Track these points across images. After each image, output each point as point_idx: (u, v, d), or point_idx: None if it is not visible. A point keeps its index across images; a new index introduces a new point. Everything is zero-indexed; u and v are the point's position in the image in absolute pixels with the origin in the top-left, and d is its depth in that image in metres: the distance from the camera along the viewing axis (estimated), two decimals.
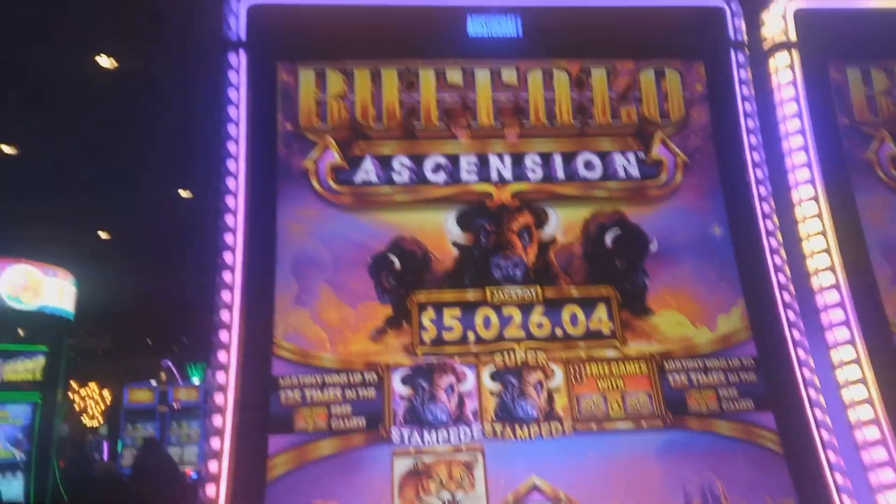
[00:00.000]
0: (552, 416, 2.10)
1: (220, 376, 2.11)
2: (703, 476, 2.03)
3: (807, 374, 2.15)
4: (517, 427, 2.08)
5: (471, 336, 2.20)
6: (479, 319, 2.22)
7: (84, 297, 9.98)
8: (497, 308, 2.23)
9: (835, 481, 2.00)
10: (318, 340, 2.16)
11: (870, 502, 2.01)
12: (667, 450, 2.07)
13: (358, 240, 2.29)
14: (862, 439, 2.09)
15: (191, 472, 10.35)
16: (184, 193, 11.32)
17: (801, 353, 2.18)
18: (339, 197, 2.34)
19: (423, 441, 2.06)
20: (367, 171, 2.38)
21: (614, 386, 2.15)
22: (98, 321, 13.33)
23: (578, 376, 2.16)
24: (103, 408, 14.72)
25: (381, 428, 2.07)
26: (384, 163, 2.38)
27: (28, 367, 9.28)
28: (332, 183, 2.35)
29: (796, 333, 2.20)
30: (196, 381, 13.25)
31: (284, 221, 2.29)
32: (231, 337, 2.13)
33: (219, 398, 2.08)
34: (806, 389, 2.12)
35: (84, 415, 15.07)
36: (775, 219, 2.39)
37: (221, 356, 2.13)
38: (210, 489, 1.96)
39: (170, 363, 13.39)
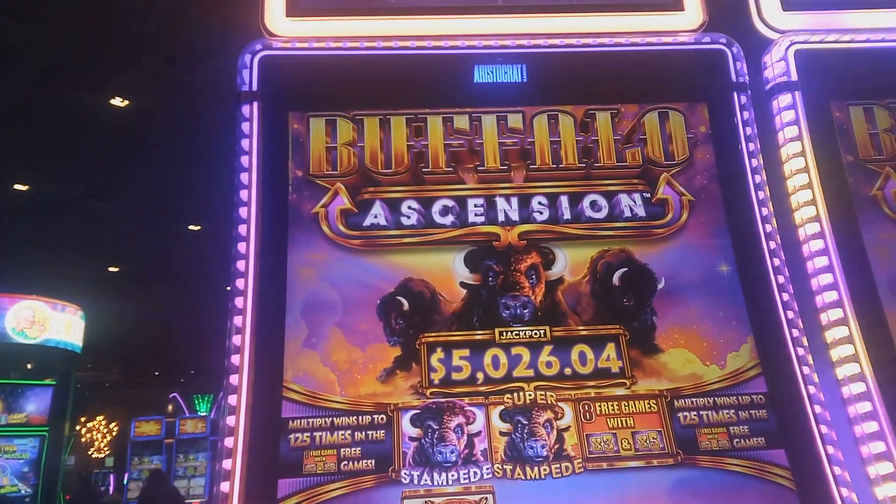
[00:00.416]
0: (562, 455, 2.10)
1: (231, 420, 2.12)
2: None
3: (818, 409, 2.15)
4: (527, 467, 2.08)
5: (480, 376, 2.21)
6: (487, 359, 2.23)
7: (92, 330, 10.04)
8: (506, 347, 2.25)
9: None
10: (327, 382, 2.17)
11: None
12: (678, 488, 2.06)
13: (367, 282, 2.32)
14: (875, 474, 2.08)
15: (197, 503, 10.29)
16: (193, 227, 11.43)
17: (811, 389, 2.17)
18: (349, 241, 2.37)
19: (432, 482, 2.06)
20: (377, 215, 2.42)
21: (624, 424, 2.15)
22: (106, 354, 13.37)
23: (588, 415, 2.16)
24: (110, 440, 14.67)
25: (391, 470, 2.07)
26: (393, 207, 2.43)
27: (36, 402, 9.29)
28: (341, 227, 2.39)
29: (806, 369, 2.20)
30: (203, 413, 13.20)
31: (295, 266, 2.32)
32: (241, 380, 2.15)
33: (229, 441, 2.09)
34: (817, 425, 2.12)
35: (91, 447, 15.02)
36: (782, 256, 2.41)
37: (232, 399, 2.14)
38: None
39: (177, 395, 13.38)
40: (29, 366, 9.61)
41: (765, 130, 2.69)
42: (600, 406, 2.17)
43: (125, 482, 11.63)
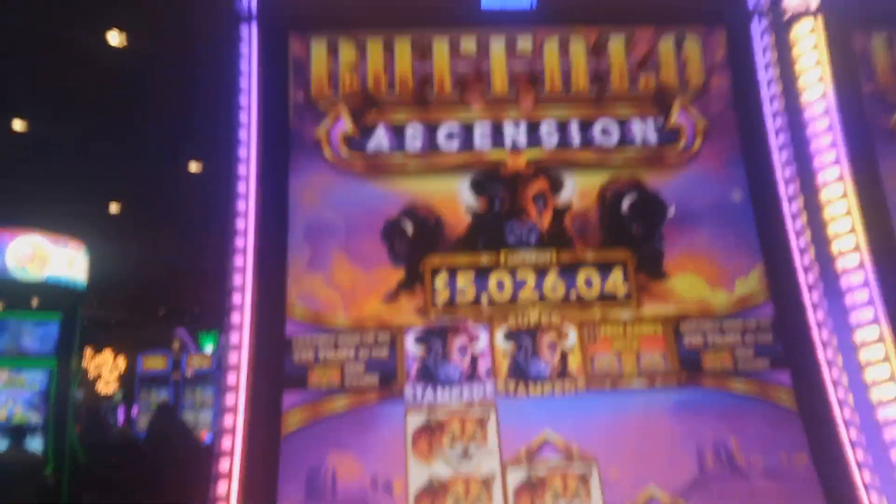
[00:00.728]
0: (565, 374, 2.11)
1: (234, 336, 2.12)
2: (716, 432, 2.04)
3: (824, 334, 2.14)
4: (530, 384, 2.09)
5: (484, 299, 2.20)
6: (492, 283, 2.21)
7: (96, 268, 10.09)
8: (511, 272, 2.23)
9: (849, 437, 2.01)
10: (331, 303, 2.17)
11: (884, 458, 2.01)
12: (681, 407, 2.08)
13: (370, 206, 2.28)
14: (878, 399, 2.08)
15: (205, 435, 10.55)
16: (194, 166, 11.34)
17: (819, 314, 2.16)
18: (352, 165, 2.33)
19: (435, 398, 2.07)
20: (380, 138, 2.36)
21: (629, 347, 2.15)
22: (110, 291, 13.47)
23: (592, 337, 2.16)
24: (118, 375, 14.96)
25: (394, 386, 2.08)
26: (397, 131, 2.36)
27: (42, 335, 9.43)
28: (344, 151, 2.34)
29: (815, 295, 2.18)
30: (209, 349, 13.42)
31: (297, 189, 2.28)
32: (244, 299, 2.14)
33: (232, 357, 2.10)
34: (823, 349, 2.11)
35: (99, 382, 15.31)
36: (796, 184, 2.36)
37: (235, 317, 2.14)
38: (226, 442, 1.99)
39: (183, 332, 13.56)
40: (34, 301, 9.71)
41: (783, 58, 2.60)
42: (605, 329, 2.17)
43: (134, 415, 11.91)
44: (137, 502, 9.11)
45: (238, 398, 2.05)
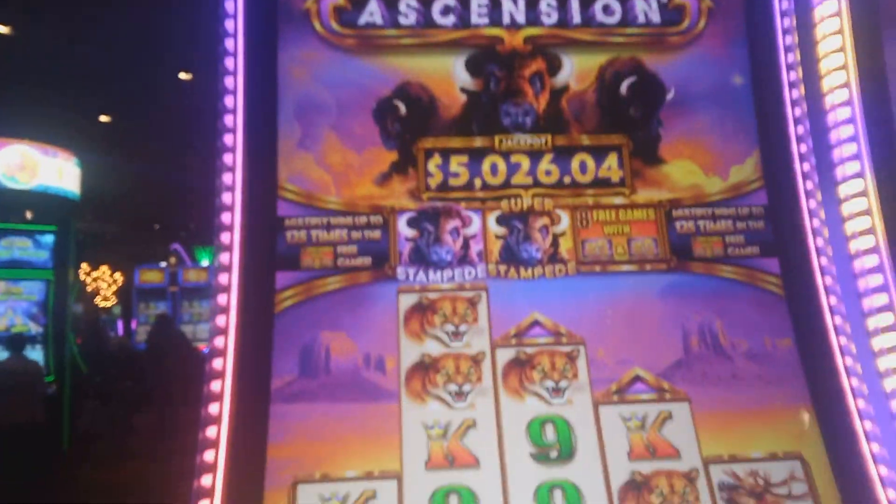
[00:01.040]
0: (556, 258, 2.12)
1: (225, 216, 2.10)
2: (702, 316, 2.08)
3: (816, 223, 2.14)
4: (521, 268, 2.11)
5: (477, 183, 2.17)
6: (486, 166, 2.18)
7: (89, 180, 9.99)
8: (505, 155, 2.19)
9: (834, 323, 2.04)
10: (322, 184, 2.14)
11: (865, 344, 2.05)
12: (669, 291, 2.10)
13: (362, 84, 2.22)
14: (864, 286, 2.10)
15: (203, 347, 10.80)
16: (184, 76, 11.03)
17: (812, 203, 2.15)
18: (343, 40, 2.24)
19: (427, 279, 2.09)
20: (372, 12, 2.26)
21: (620, 231, 2.15)
22: (105, 206, 13.43)
23: (585, 221, 2.15)
24: (115, 290, 15.13)
25: (387, 266, 2.09)
26: (390, 4, 2.26)
27: (37, 247, 9.44)
28: (334, 25, 2.24)
29: (809, 184, 2.17)
30: (205, 262, 13.52)
31: (286, 65, 2.20)
32: (235, 178, 2.11)
33: (225, 237, 2.09)
34: (814, 237, 2.12)
35: (97, 296, 15.52)
36: (799, 71, 2.29)
37: (226, 197, 2.11)
38: (220, 320, 2.01)
39: (178, 247, 13.62)
40: (28, 213, 9.66)
41: None
42: (597, 213, 2.16)
43: (133, 327, 12.12)
44: (138, 411, 9.44)
45: (231, 277, 2.06)
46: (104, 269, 15.51)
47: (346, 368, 2.00)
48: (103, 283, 15.55)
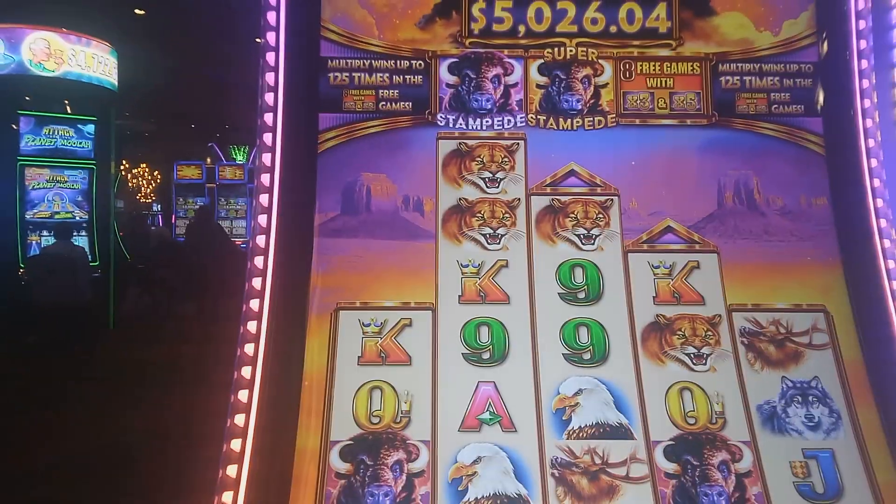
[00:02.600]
0: (596, 109, 2.12)
1: (270, 56, 2.13)
2: (739, 172, 2.08)
3: (865, 84, 2.09)
4: (560, 119, 2.12)
5: (521, 29, 2.15)
6: (531, 12, 2.15)
7: (127, 75, 10.04)
8: (551, 1, 2.16)
9: (872, 185, 2.03)
10: (365, 25, 2.14)
11: None
12: (708, 146, 2.10)
13: None
14: None
15: (240, 242, 11.13)
16: None
17: (863, 63, 2.09)
18: None
19: (467, 126, 2.12)
20: None
21: (663, 84, 2.13)
22: (143, 102, 13.52)
23: (628, 73, 2.13)
24: (154, 187, 15.49)
25: (427, 112, 2.12)
26: None
27: (80, 136, 9.65)
28: None
29: (863, 43, 2.10)
30: (240, 160, 13.70)
31: None
32: (279, 16, 2.12)
33: (269, 77, 2.12)
34: (861, 98, 2.08)
35: (138, 193, 15.92)
36: None
37: (270, 37, 2.13)
38: (266, 158, 2.07)
39: (214, 145, 13.77)
40: (66, 103, 9.82)
41: None
42: (641, 65, 2.14)
43: (173, 221, 12.49)
44: (178, 298, 9.87)
45: (276, 119, 2.11)
46: (143, 166, 15.85)
47: (386, 208, 2.08)
48: (143, 180, 15.93)
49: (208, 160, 13.60)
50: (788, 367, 1.90)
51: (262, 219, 2.04)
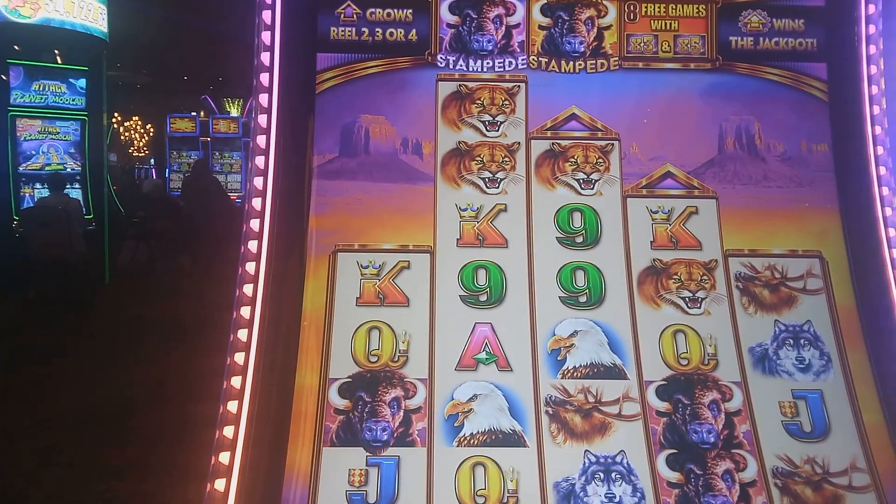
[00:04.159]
0: (599, 52, 2.09)
1: None
2: (741, 117, 2.07)
3: (871, 29, 2.06)
4: (562, 61, 2.09)
5: None
6: None
7: (117, 25, 9.81)
8: None
9: (873, 132, 2.02)
10: None
11: None
12: (710, 91, 2.08)
13: None
14: None
15: (235, 198, 11.07)
16: None
17: (871, 7, 2.06)
18: None
19: (467, 68, 2.09)
20: None
21: (668, 27, 2.09)
22: (134, 53, 13.25)
23: (632, 15, 2.10)
24: (148, 140, 15.30)
25: (427, 53, 2.09)
26: None
27: (71, 90, 9.48)
28: None
29: None
30: (234, 113, 13.52)
31: None
32: None
33: (266, 15, 2.08)
34: (867, 44, 2.05)
35: (131, 147, 15.73)
36: None
37: None
38: (263, 98, 2.04)
39: (208, 97, 13.57)
40: (57, 53, 9.62)
41: None
42: (646, 7, 2.10)
43: (167, 174, 12.39)
44: (173, 251, 9.86)
45: (272, 57, 2.07)
46: (136, 119, 15.62)
47: (385, 150, 2.06)
48: (136, 134, 15.72)
49: (202, 113, 13.41)
50: (782, 311, 1.93)
51: (260, 160, 2.02)
